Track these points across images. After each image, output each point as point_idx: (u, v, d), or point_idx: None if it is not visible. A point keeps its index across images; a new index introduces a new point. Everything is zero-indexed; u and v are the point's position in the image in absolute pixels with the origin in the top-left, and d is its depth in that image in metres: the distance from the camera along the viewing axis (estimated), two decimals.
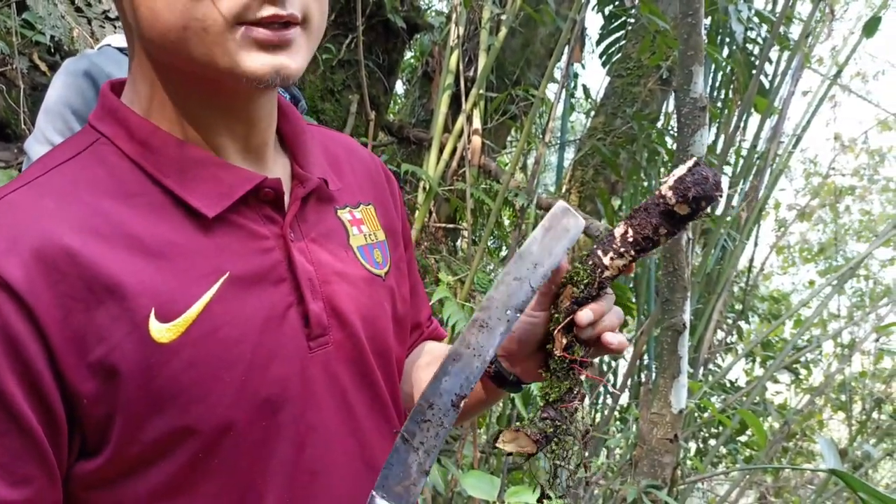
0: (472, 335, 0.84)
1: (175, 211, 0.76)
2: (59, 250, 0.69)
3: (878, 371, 5.87)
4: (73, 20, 2.28)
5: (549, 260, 0.85)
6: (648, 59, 3.49)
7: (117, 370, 0.70)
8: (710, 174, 0.80)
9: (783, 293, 6.48)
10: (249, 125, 0.81)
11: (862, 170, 6.37)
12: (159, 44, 0.74)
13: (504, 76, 3.79)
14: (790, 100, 4.23)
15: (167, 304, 0.72)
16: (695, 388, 2.84)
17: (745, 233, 4.39)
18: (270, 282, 0.79)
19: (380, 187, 1.01)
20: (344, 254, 0.89)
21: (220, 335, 0.75)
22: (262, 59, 0.72)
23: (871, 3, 5.34)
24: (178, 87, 0.77)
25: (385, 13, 3.16)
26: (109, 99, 0.81)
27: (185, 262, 0.75)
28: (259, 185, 0.80)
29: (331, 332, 0.84)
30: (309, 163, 0.88)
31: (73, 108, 1.24)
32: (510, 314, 0.84)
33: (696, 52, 2.01)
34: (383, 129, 3.56)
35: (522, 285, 0.84)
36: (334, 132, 1.04)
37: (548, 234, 0.85)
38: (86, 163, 0.76)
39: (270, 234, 0.81)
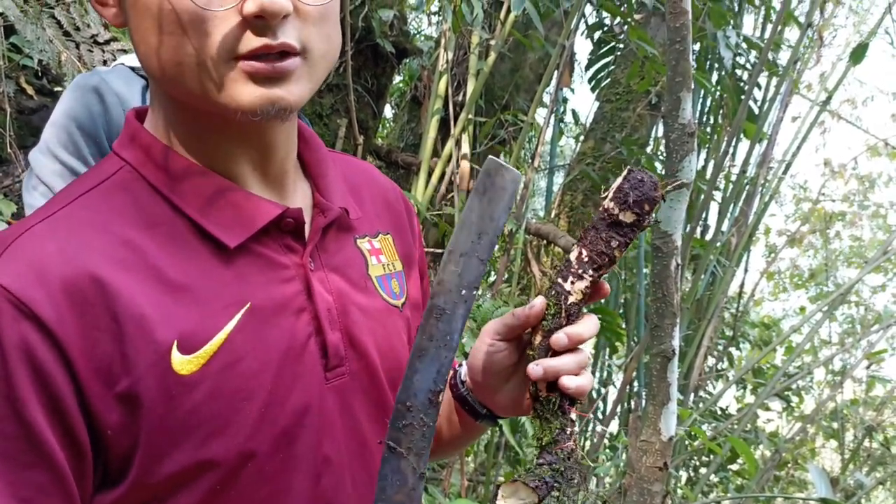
0: (431, 325, 0.80)
1: (197, 240, 0.76)
2: (86, 281, 0.69)
3: (870, 399, 5.85)
4: (62, 44, 2.27)
5: (493, 225, 0.80)
6: (637, 85, 3.50)
7: (140, 401, 0.71)
8: (644, 176, 0.80)
9: (774, 319, 6.47)
10: (265, 154, 0.81)
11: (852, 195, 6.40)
12: (159, 78, 0.75)
13: (493, 101, 3.80)
14: (779, 125, 4.25)
15: (189, 335, 0.73)
16: (684, 416, 2.81)
17: (735, 258, 4.38)
18: (291, 312, 0.79)
19: (398, 217, 1.01)
20: (363, 284, 0.88)
21: (241, 367, 0.75)
22: (256, 92, 0.72)
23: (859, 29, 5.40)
24: (190, 117, 0.78)
25: (374, 38, 3.16)
26: (133, 126, 0.81)
27: (206, 292, 0.75)
28: (280, 216, 0.80)
29: (347, 363, 0.84)
30: (330, 192, 0.88)
31: (78, 123, 1.23)
32: (465, 293, 0.80)
33: (685, 79, 2.01)
34: (372, 153, 3.55)
35: (470, 260, 0.80)
36: (355, 159, 1.05)
37: (484, 198, 0.81)
38: (110, 192, 0.77)
39: (291, 264, 0.81)
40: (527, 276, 3.73)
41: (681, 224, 2.18)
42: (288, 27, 0.72)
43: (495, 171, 0.81)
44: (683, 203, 2.15)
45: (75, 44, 2.42)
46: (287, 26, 0.71)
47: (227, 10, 0.70)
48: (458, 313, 0.80)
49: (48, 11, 2.40)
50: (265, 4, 0.68)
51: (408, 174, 3.55)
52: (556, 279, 0.84)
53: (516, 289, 3.39)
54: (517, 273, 3.35)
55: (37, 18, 2.34)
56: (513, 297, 3.29)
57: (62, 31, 2.41)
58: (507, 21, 2.92)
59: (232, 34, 0.70)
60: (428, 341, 0.80)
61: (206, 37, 0.70)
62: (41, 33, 2.32)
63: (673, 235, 2.14)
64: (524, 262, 3.58)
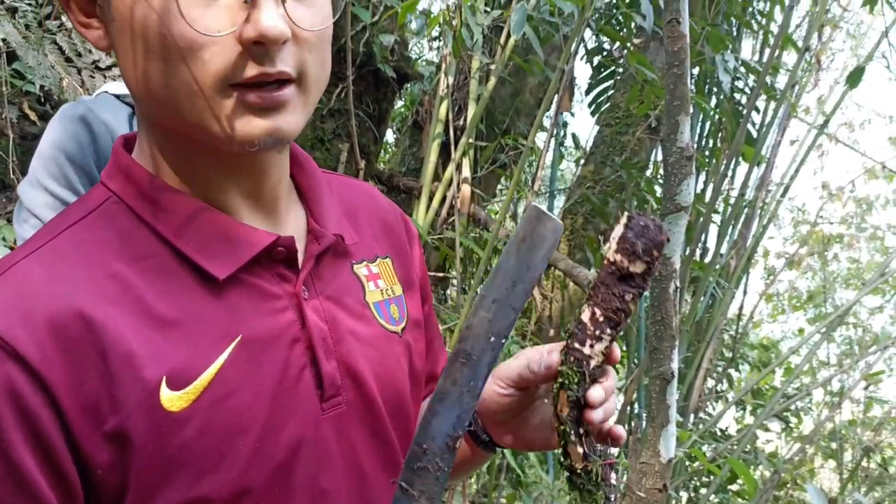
0: (456, 370, 0.78)
1: (186, 273, 0.74)
2: (72, 318, 0.68)
3: (868, 419, 5.84)
4: (64, 70, 2.29)
5: (529, 274, 0.78)
6: (637, 109, 3.52)
7: (130, 439, 0.69)
8: (647, 221, 0.78)
9: (773, 341, 6.47)
10: (258, 181, 0.79)
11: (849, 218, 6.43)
12: (151, 106, 0.73)
13: (493, 125, 3.82)
14: (778, 148, 4.28)
15: (178, 371, 0.71)
16: (683, 437, 2.81)
17: (735, 280, 4.39)
18: (284, 343, 0.77)
19: (398, 238, 0.98)
20: (360, 311, 0.86)
21: (233, 401, 0.73)
22: (254, 123, 0.70)
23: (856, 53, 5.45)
24: (181, 146, 0.76)
25: (375, 63, 3.19)
26: (121, 156, 0.79)
27: (196, 326, 0.73)
28: (272, 245, 0.78)
29: (344, 393, 0.81)
30: (325, 217, 0.86)
31: (67, 154, 1.23)
32: (494, 341, 0.78)
33: (683, 103, 2.03)
34: (373, 177, 3.57)
35: (503, 308, 0.78)
36: (352, 180, 1.02)
37: (523, 245, 0.78)
38: (96, 224, 0.75)
39: (283, 294, 0.79)
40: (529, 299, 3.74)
41: (679, 247, 2.20)
42: (285, 53, 0.70)
43: (537, 219, 0.79)
44: (682, 226, 2.17)
45: (77, 69, 2.44)
46: (284, 52, 0.70)
47: (224, 35, 0.67)
48: (485, 360, 0.78)
49: (50, 37, 2.43)
50: (265, 30, 0.66)
51: (409, 198, 3.57)
52: (572, 344, 0.81)
53: None
54: None
55: (38, 45, 2.36)
56: None
57: (64, 57, 2.43)
58: (507, 46, 2.95)
59: (229, 61, 0.68)
60: (451, 385, 0.78)
61: (203, 64, 0.68)
62: (43, 59, 2.35)
63: (671, 258, 2.16)
64: None
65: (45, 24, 2.38)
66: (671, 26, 1.91)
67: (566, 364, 0.81)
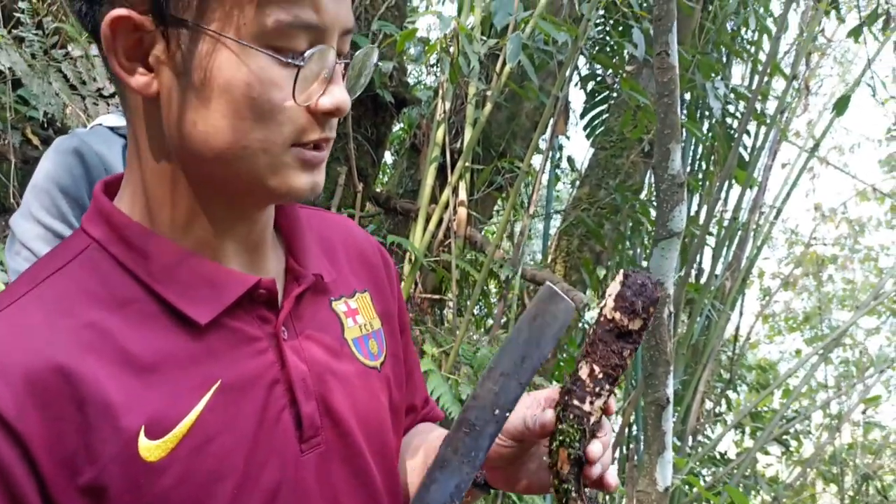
0: (458, 439, 0.79)
1: (167, 318, 0.75)
2: (50, 371, 0.68)
3: (868, 442, 5.84)
4: (68, 97, 2.33)
5: (538, 352, 0.80)
6: (631, 133, 3.57)
7: (106, 491, 0.69)
8: (643, 279, 0.80)
9: (770, 362, 6.48)
10: (252, 225, 0.82)
11: (843, 239, 6.46)
12: (209, 159, 0.74)
13: (490, 148, 3.86)
14: (769, 172, 4.34)
15: (157, 420, 0.71)
16: (680, 465, 2.82)
17: (730, 302, 4.42)
18: (264, 385, 0.78)
19: (376, 271, 0.99)
20: (338, 348, 0.87)
21: (212, 447, 0.73)
22: (306, 179, 0.75)
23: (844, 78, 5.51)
24: (205, 196, 0.77)
25: (374, 88, 3.24)
26: (101, 201, 0.79)
27: (176, 373, 0.74)
28: (253, 287, 0.79)
29: (323, 432, 0.82)
30: (305, 257, 0.87)
31: (60, 186, 1.24)
32: (498, 414, 0.79)
33: (673, 131, 2.07)
34: (371, 199, 3.60)
35: (510, 382, 0.79)
36: (330, 214, 1.04)
37: (535, 323, 0.80)
38: (76, 272, 0.75)
39: (264, 335, 0.80)
40: None
41: (672, 273, 2.23)
42: (334, 122, 0.77)
43: (550, 299, 0.80)
44: (675, 252, 2.21)
45: (81, 97, 2.48)
46: (334, 121, 0.77)
47: (304, 105, 0.73)
48: (488, 431, 0.79)
49: (55, 65, 2.47)
50: (340, 104, 0.74)
51: (406, 220, 3.60)
52: (570, 402, 0.81)
53: None
54: (514, 319, 3.38)
55: (44, 72, 2.41)
56: None
57: (68, 85, 2.47)
58: (503, 73, 2.99)
59: (301, 125, 0.73)
60: (452, 454, 0.79)
61: (279, 126, 0.73)
62: (47, 87, 2.38)
63: (665, 284, 2.19)
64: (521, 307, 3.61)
65: (50, 53, 2.42)
66: (660, 58, 1.96)
67: (566, 422, 0.81)
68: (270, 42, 0.71)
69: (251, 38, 0.71)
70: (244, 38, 0.71)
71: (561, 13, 3.32)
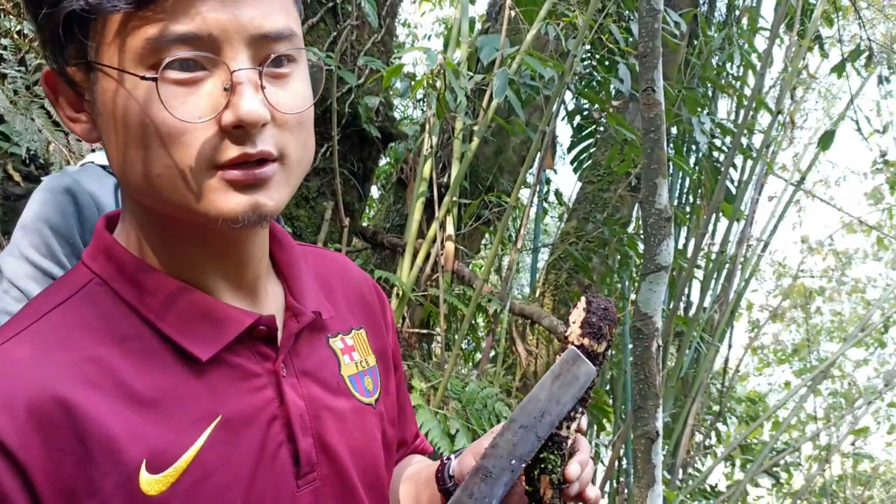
0: (475, 484, 0.82)
1: (168, 354, 0.75)
2: (52, 403, 0.68)
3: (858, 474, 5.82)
4: (51, 134, 2.31)
5: (557, 409, 0.83)
6: (618, 167, 3.59)
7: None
8: (605, 303, 0.85)
9: (759, 394, 6.47)
10: (241, 263, 0.81)
11: (830, 271, 6.50)
12: (140, 191, 0.74)
13: (477, 182, 3.87)
14: (756, 205, 4.36)
15: (158, 454, 0.71)
16: (671, 498, 2.79)
17: (719, 334, 4.42)
18: (263, 421, 0.78)
19: (371, 309, 1.00)
20: (335, 386, 0.87)
21: (211, 483, 0.73)
22: (237, 200, 0.71)
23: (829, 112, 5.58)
24: (164, 228, 0.77)
25: (360, 123, 3.24)
26: (103, 237, 0.80)
27: (177, 408, 0.73)
28: (253, 324, 0.79)
29: (319, 468, 0.82)
30: (303, 294, 0.87)
31: (51, 225, 1.22)
32: (515, 464, 0.82)
33: (660, 166, 2.08)
34: (357, 234, 3.59)
35: (528, 434, 0.83)
36: (326, 251, 1.04)
37: (556, 382, 0.84)
38: (78, 307, 0.75)
39: (263, 372, 0.80)
40: (512, 355, 3.74)
41: (660, 306, 2.22)
42: (266, 135, 0.71)
43: (573, 361, 0.85)
44: (663, 286, 2.20)
45: (64, 133, 2.47)
46: (265, 134, 0.71)
47: (205, 121, 0.69)
48: (503, 480, 0.83)
49: (38, 102, 2.46)
50: (243, 115, 0.69)
51: (393, 255, 3.59)
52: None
53: (501, 368, 3.39)
54: (502, 353, 3.36)
55: (26, 109, 2.39)
56: (498, 377, 3.29)
57: (51, 121, 2.46)
58: (490, 107, 3.00)
59: (211, 144, 0.70)
60: (468, 498, 0.82)
61: (186, 148, 0.69)
62: (30, 124, 2.37)
63: (653, 317, 2.18)
64: (509, 341, 3.59)
65: (33, 89, 2.41)
66: (647, 94, 1.97)
67: (546, 450, 0.85)
68: (151, 62, 0.69)
69: (132, 64, 0.69)
70: (125, 66, 0.69)
71: (547, 49, 3.35)
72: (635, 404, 2.30)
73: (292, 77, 0.75)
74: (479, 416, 2.82)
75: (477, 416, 2.81)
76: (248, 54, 0.71)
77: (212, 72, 0.70)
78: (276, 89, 0.73)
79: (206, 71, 0.70)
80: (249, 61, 0.71)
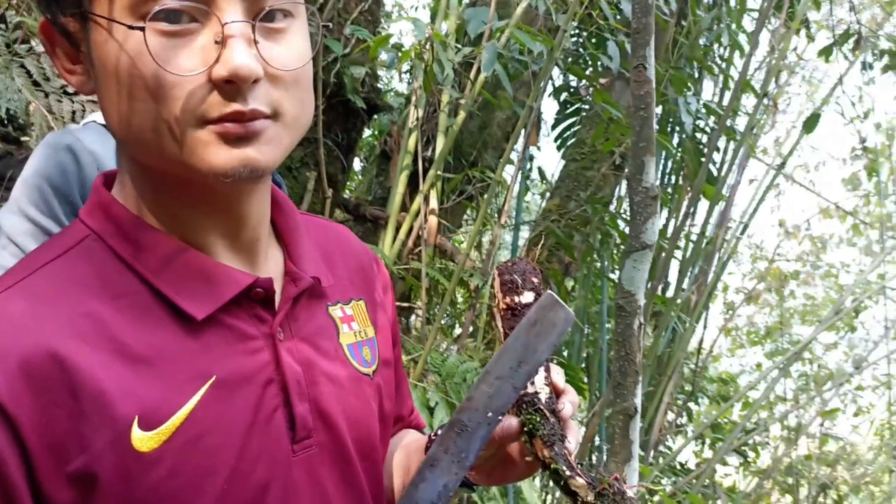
0: (450, 439, 0.79)
1: (163, 312, 0.74)
2: (45, 357, 0.67)
3: (824, 454, 5.94)
4: (31, 94, 2.26)
5: (535, 357, 0.80)
6: (602, 145, 3.59)
7: (97, 480, 0.68)
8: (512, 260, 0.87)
9: (732, 375, 6.56)
10: (238, 222, 0.79)
11: (805, 256, 6.58)
12: (129, 144, 0.74)
13: (461, 157, 3.85)
14: (737, 188, 4.39)
15: (151, 411, 0.70)
16: (646, 473, 2.83)
17: (695, 315, 4.46)
18: (258, 384, 0.77)
19: (371, 281, 0.99)
20: (333, 353, 0.87)
21: (205, 443, 0.73)
22: (228, 154, 0.70)
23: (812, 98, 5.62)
24: (160, 185, 0.76)
25: (345, 94, 3.21)
26: (101, 193, 0.79)
27: (171, 366, 0.73)
28: (250, 286, 0.78)
29: (315, 434, 0.81)
30: (303, 259, 0.86)
31: (51, 182, 1.20)
32: (491, 416, 0.79)
33: (648, 144, 2.08)
34: (340, 206, 3.57)
35: (504, 386, 0.80)
36: (329, 222, 1.03)
37: (533, 330, 0.81)
38: (73, 262, 0.74)
39: (259, 335, 0.79)
40: (492, 330, 3.75)
41: (643, 284, 2.23)
42: (259, 92, 0.70)
43: (550, 307, 0.81)
44: (646, 264, 2.21)
45: (45, 94, 2.41)
46: (258, 91, 0.70)
47: (195, 74, 0.68)
48: (479, 434, 0.79)
49: (18, 61, 2.40)
50: (234, 69, 0.67)
51: (376, 228, 3.57)
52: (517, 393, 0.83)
53: (482, 343, 3.41)
54: (482, 328, 3.37)
55: (6, 68, 2.34)
56: (478, 352, 3.30)
57: (31, 81, 2.40)
58: (477, 81, 2.98)
59: (201, 99, 0.69)
60: (443, 453, 0.79)
61: (175, 101, 0.68)
62: (10, 83, 2.31)
63: (636, 295, 2.19)
64: (490, 316, 3.60)
65: (13, 48, 2.36)
66: (638, 71, 1.97)
67: (523, 413, 0.83)
68: (141, 11, 0.67)
69: (122, 13, 0.68)
70: (115, 15, 0.68)
71: (536, 23, 3.32)
72: (615, 381, 2.32)
73: (288, 32, 0.73)
74: (458, 390, 2.83)
75: (456, 390, 2.82)
76: (241, 7, 0.69)
77: (204, 24, 0.69)
78: (270, 44, 0.71)
79: (198, 23, 0.69)
80: (243, 14, 0.69)
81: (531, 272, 0.84)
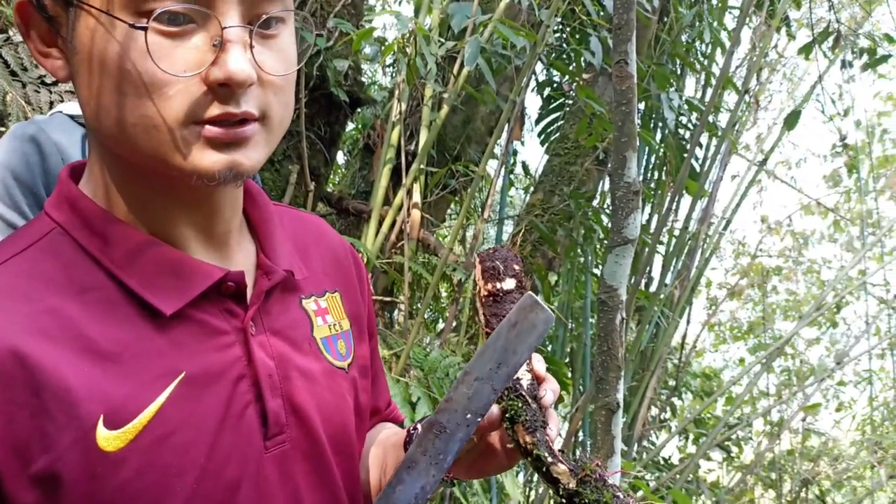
0: (428, 440, 0.79)
1: (130, 307, 0.73)
2: (6, 355, 0.66)
3: (807, 449, 5.99)
4: (8, 84, 2.24)
5: (514, 359, 0.80)
6: (585, 140, 3.59)
7: (61, 480, 0.67)
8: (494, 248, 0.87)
9: (715, 370, 6.60)
10: (211, 216, 0.79)
11: (787, 252, 6.62)
12: (111, 137, 0.72)
13: (445, 151, 3.85)
14: (719, 184, 4.41)
15: (117, 409, 0.69)
16: (628, 468, 2.84)
17: (678, 311, 4.48)
18: (229, 380, 0.76)
19: (347, 273, 0.98)
20: (307, 347, 0.86)
21: (173, 440, 0.72)
22: (214, 157, 0.70)
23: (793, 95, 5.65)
24: (134, 178, 0.75)
25: (328, 87, 3.19)
26: (67, 186, 0.78)
27: (138, 362, 0.72)
28: (220, 280, 0.77)
29: (288, 430, 0.80)
30: (276, 252, 0.85)
31: (14, 173, 1.19)
32: (470, 418, 0.79)
33: (630, 139, 2.08)
34: (323, 199, 3.55)
35: (484, 387, 0.79)
36: (304, 213, 1.02)
37: (513, 331, 0.80)
38: (38, 256, 0.73)
39: (231, 329, 0.78)
40: (475, 325, 3.75)
41: (626, 279, 2.24)
42: (250, 95, 0.71)
43: (530, 308, 0.81)
44: (628, 258, 2.21)
45: (21, 84, 2.39)
46: (249, 94, 0.70)
47: (190, 76, 0.68)
48: (458, 436, 0.79)
49: None
50: (231, 73, 0.68)
51: (358, 221, 3.56)
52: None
53: (464, 338, 3.40)
54: (465, 322, 3.36)
55: None
56: (461, 347, 3.30)
57: (8, 71, 2.37)
58: (461, 75, 2.98)
59: (194, 100, 0.68)
60: (421, 455, 0.78)
61: (167, 100, 0.68)
62: None
63: (618, 290, 2.20)
64: (472, 311, 3.60)
65: None
66: (619, 66, 1.96)
67: (505, 399, 0.83)
68: (141, 9, 0.67)
69: (119, 8, 0.67)
70: (112, 9, 0.67)
71: (519, 18, 3.32)
72: (597, 376, 2.32)
73: (280, 38, 0.74)
74: (440, 385, 2.82)
75: (438, 385, 2.82)
76: (239, 11, 0.69)
77: (200, 25, 0.69)
78: (263, 49, 0.72)
79: (195, 24, 0.69)
80: (240, 18, 0.69)
81: (512, 259, 0.84)
